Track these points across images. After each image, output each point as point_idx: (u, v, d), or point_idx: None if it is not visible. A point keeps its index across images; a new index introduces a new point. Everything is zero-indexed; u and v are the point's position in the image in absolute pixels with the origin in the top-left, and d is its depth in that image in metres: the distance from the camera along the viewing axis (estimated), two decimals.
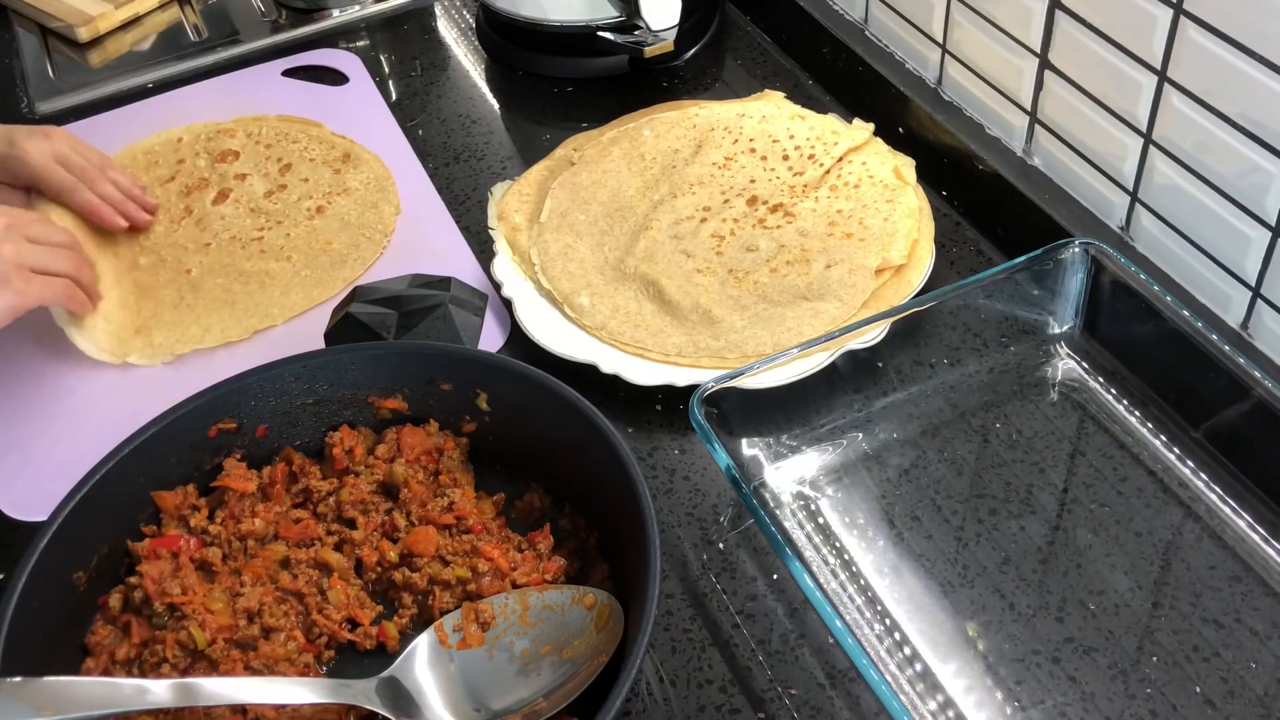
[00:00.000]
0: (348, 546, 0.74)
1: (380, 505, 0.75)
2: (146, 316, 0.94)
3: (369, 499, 0.75)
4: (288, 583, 0.71)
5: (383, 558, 0.73)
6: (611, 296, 0.91)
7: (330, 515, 0.75)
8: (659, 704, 0.69)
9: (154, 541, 0.72)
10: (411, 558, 0.72)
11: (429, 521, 0.74)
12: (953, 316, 0.86)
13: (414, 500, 0.75)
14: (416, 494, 0.75)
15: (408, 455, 0.77)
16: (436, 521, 0.74)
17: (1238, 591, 0.71)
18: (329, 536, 0.74)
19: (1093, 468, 0.78)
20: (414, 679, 0.66)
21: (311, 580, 0.72)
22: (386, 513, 0.75)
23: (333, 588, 0.72)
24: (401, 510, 0.75)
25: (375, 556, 0.73)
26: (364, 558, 0.73)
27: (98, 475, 0.70)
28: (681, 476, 0.81)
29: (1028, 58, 0.90)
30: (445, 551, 0.72)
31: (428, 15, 1.29)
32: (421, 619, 0.71)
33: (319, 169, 1.07)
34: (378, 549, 0.73)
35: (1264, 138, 0.74)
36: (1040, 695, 0.67)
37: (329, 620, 0.70)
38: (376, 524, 0.74)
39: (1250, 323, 0.81)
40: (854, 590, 0.73)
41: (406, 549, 0.73)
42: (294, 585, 0.71)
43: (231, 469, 0.76)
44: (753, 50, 1.20)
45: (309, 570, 0.73)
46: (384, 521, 0.74)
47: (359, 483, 0.76)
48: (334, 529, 0.75)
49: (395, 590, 0.72)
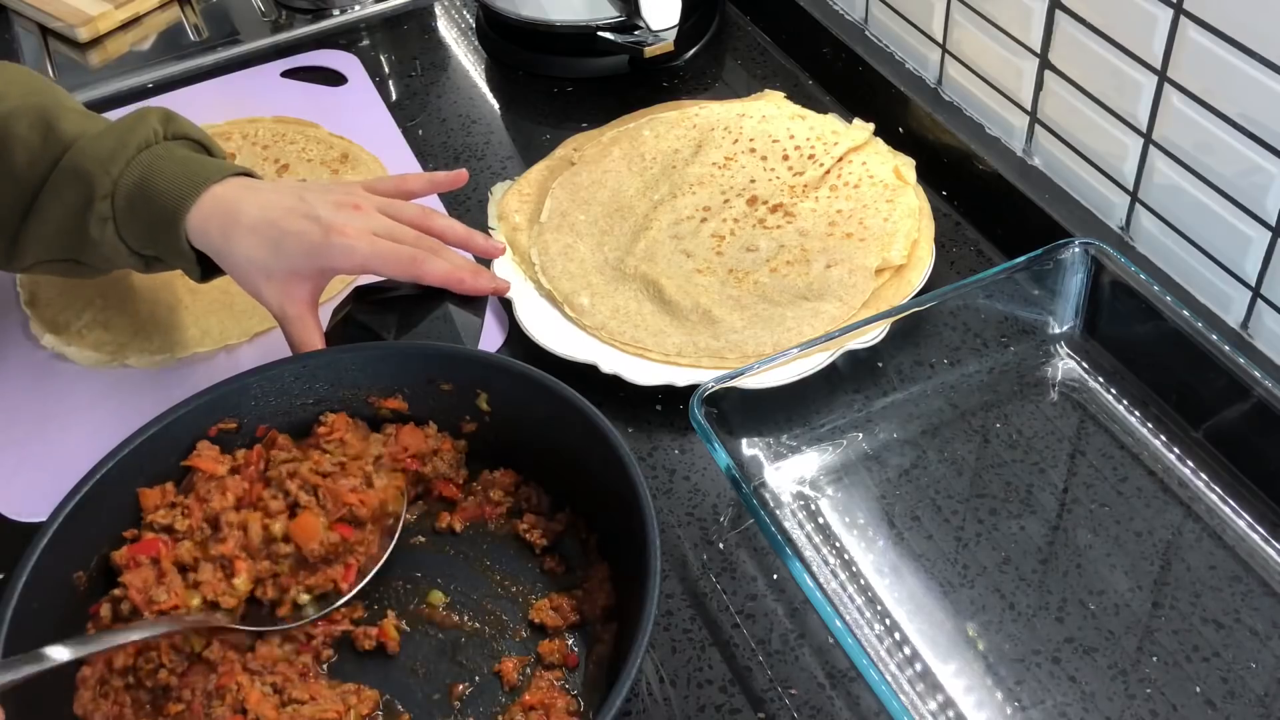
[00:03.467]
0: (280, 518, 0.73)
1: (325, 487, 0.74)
2: (144, 319, 0.93)
3: (315, 479, 0.73)
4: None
5: (267, 531, 0.71)
6: (611, 296, 0.91)
7: (277, 484, 0.74)
8: (659, 704, 0.69)
9: (132, 549, 0.70)
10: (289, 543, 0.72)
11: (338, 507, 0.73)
12: (953, 316, 0.87)
13: (331, 493, 0.73)
14: (337, 488, 0.73)
15: (395, 453, 0.76)
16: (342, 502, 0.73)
17: (1238, 591, 0.71)
18: (273, 502, 0.73)
19: (1093, 468, 0.78)
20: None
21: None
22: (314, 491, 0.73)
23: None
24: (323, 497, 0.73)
25: (259, 530, 0.72)
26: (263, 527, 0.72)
27: (98, 475, 0.70)
28: (681, 476, 0.81)
29: (1028, 58, 0.90)
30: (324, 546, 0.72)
31: (428, 15, 1.29)
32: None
33: (317, 169, 1.07)
34: (264, 525, 0.72)
35: (1264, 138, 0.74)
36: (1040, 695, 0.67)
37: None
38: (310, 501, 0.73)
39: (1250, 323, 0.81)
40: (854, 590, 0.73)
41: (289, 533, 0.72)
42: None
43: (204, 450, 0.75)
44: (753, 50, 1.20)
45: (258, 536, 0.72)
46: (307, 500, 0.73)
47: (322, 460, 0.74)
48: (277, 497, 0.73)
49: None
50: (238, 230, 0.76)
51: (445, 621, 0.72)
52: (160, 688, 0.67)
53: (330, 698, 0.68)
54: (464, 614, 0.73)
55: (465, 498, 0.78)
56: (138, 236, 0.78)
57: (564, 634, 0.71)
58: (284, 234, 0.76)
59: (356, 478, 0.73)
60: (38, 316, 0.94)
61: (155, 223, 0.77)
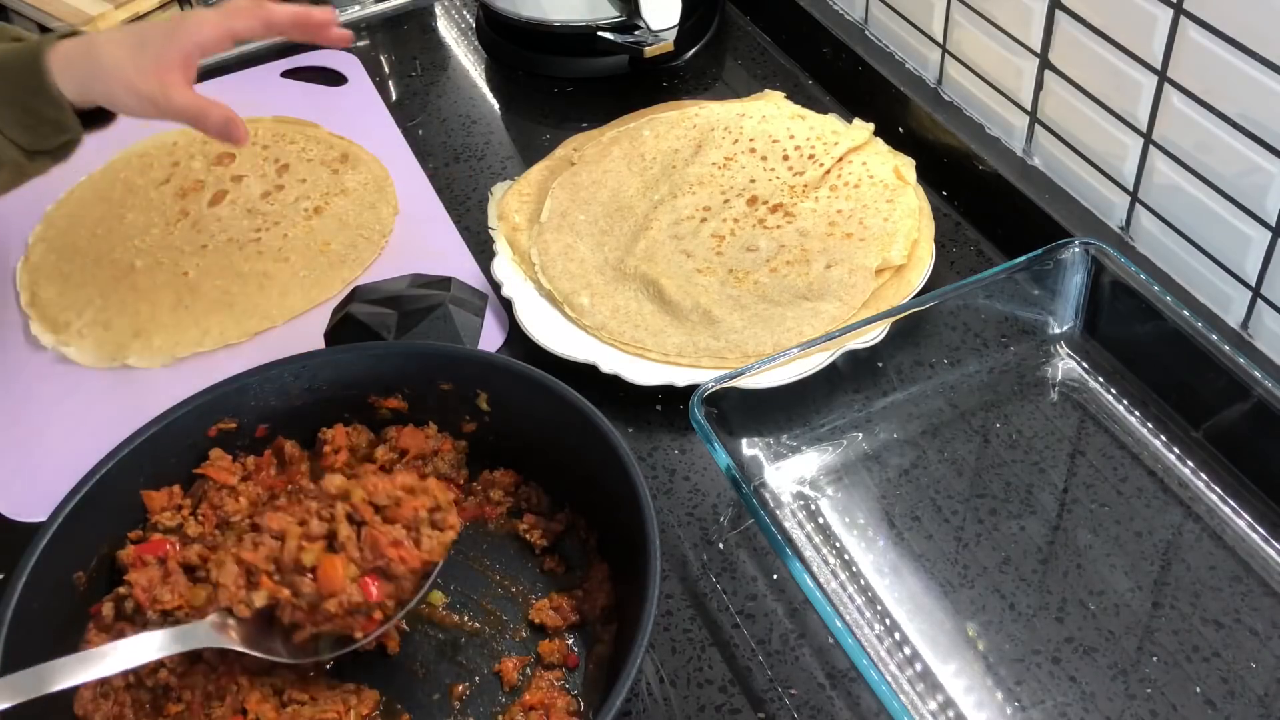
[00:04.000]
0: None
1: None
2: (145, 319, 0.93)
3: (366, 511, 0.69)
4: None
5: (299, 555, 0.67)
6: (611, 296, 0.91)
7: (325, 503, 0.70)
8: (659, 704, 0.69)
9: (139, 548, 0.71)
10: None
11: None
12: (953, 316, 0.86)
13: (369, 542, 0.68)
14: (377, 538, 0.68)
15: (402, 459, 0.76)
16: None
17: (1238, 591, 0.71)
18: (315, 522, 0.68)
19: (1093, 468, 0.78)
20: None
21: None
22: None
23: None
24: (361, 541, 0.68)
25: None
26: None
27: (98, 475, 0.70)
28: (681, 476, 0.81)
29: (1028, 58, 0.90)
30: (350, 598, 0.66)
31: (428, 15, 1.29)
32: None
33: (316, 169, 1.07)
34: (301, 545, 0.67)
35: (1264, 138, 0.74)
36: (1040, 695, 0.67)
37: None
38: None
39: (1250, 323, 0.81)
40: (854, 590, 0.73)
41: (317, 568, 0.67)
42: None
43: (217, 459, 0.76)
44: (753, 50, 1.20)
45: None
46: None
47: (379, 488, 0.69)
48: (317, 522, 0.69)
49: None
50: (98, 47, 0.80)
51: (445, 621, 0.72)
52: (160, 688, 0.67)
53: (330, 698, 0.68)
54: (464, 614, 0.73)
55: (465, 498, 0.78)
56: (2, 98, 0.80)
57: (564, 634, 0.71)
58: (144, 32, 0.81)
59: (406, 526, 0.68)
60: (38, 316, 0.94)
61: (15, 76, 0.79)
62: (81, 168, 1.09)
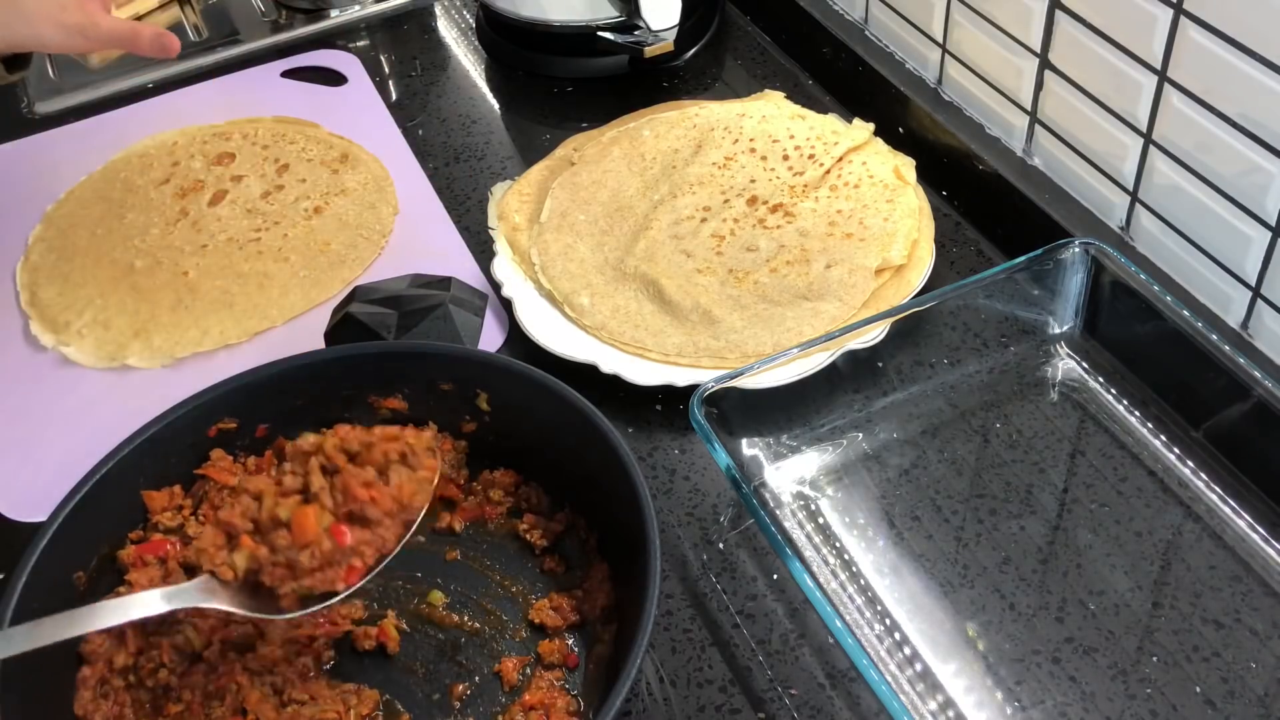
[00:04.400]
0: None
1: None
2: (144, 319, 0.93)
3: (338, 457, 0.68)
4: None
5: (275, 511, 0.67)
6: (611, 296, 0.91)
7: (298, 460, 0.70)
8: (659, 704, 0.69)
9: (140, 548, 0.71)
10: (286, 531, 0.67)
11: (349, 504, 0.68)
12: (953, 316, 0.86)
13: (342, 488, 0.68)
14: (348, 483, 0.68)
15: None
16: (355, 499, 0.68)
17: (1238, 591, 0.71)
18: (288, 478, 0.68)
19: (1093, 468, 0.78)
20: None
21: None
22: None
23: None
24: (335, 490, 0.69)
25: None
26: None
27: (98, 475, 0.70)
28: (681, 476, 0.81)
29: (1028, 58, 0.90)
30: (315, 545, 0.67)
31: (428, 15, 1.29)
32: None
33: (316, 169, 1.07)
34: (276, 500, 0.67)
35: (1264, 138, 0.74)
36: (1040, 695, 0.67)
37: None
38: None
39: (1250, 323, 0.81)
40: (854, 590, 0.73)
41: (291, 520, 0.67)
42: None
43: (218, 459, 0.76)
44: (753, 50, 1.20)
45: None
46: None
47: (351, 435, 0.69)
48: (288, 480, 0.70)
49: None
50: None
51: (445, 621, 0.73)
52: (160, 688, 0.68)
53: (330, 698, 0.68)
54: (464, 614, 0.73)
55: (465, 498, 0.78)
56: None
57: (564, 634, 0.71)
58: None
59: (379, 468, 0.67)
60: (38, 316, 0.94)
61: None
62: (82, 168, 1.09)
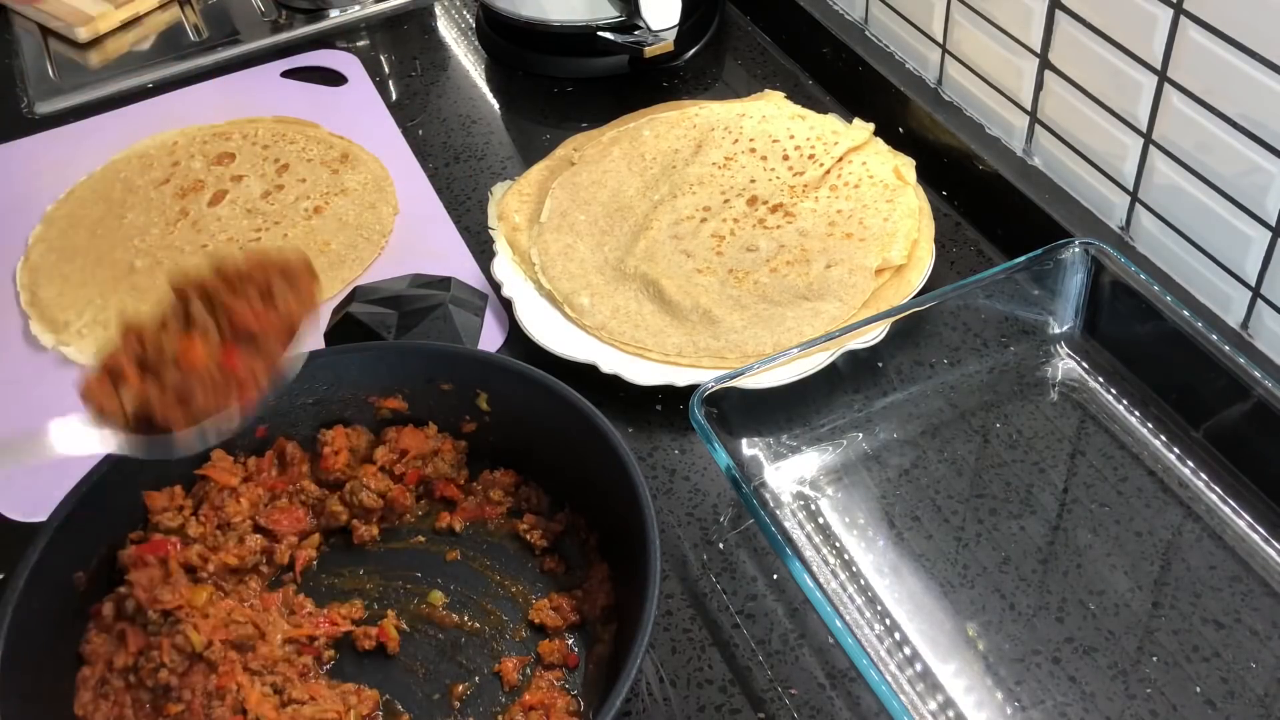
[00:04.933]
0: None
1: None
2: None
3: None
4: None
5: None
6: (611, 296, 0.91)
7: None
8: (659, 704, 0.69)
9: (140, 548, 0.71)
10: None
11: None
12: (953, 316, 0.87)
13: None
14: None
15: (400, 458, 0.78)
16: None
17: (1238, 591, 0.71)
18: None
19: (1093, 468, 0.78)
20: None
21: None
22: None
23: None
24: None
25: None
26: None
27: (97, 475, 0.70)
28: (681, 476, 0.81)
29: (1028, 58, 0.90)
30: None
31: (428, 15, 1.29)
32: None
33: (316, 169, 1.07)
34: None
35: (1264, 138, 0.74)
36: (1040, 695, 0.67)
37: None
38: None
39: (1250, 323, 0.81)
40: (854, 590, 0.73)
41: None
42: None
43: (218, 460, 0.76)
44: (753, 50, 1.20)
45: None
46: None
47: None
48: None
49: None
50: None
51: (445, 621, 0.72)
52: (160, 688, 0.67)
53: (330, 698, 0.68)
54: (464, 614, 0.73)
55: (465, 498, 0.78)
56: None
57: (564, 634, 0.71)
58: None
59: (261, 292, 0.65)
60: (38, 316, 0.94)
61: None
62: (82, 168, 1.09)
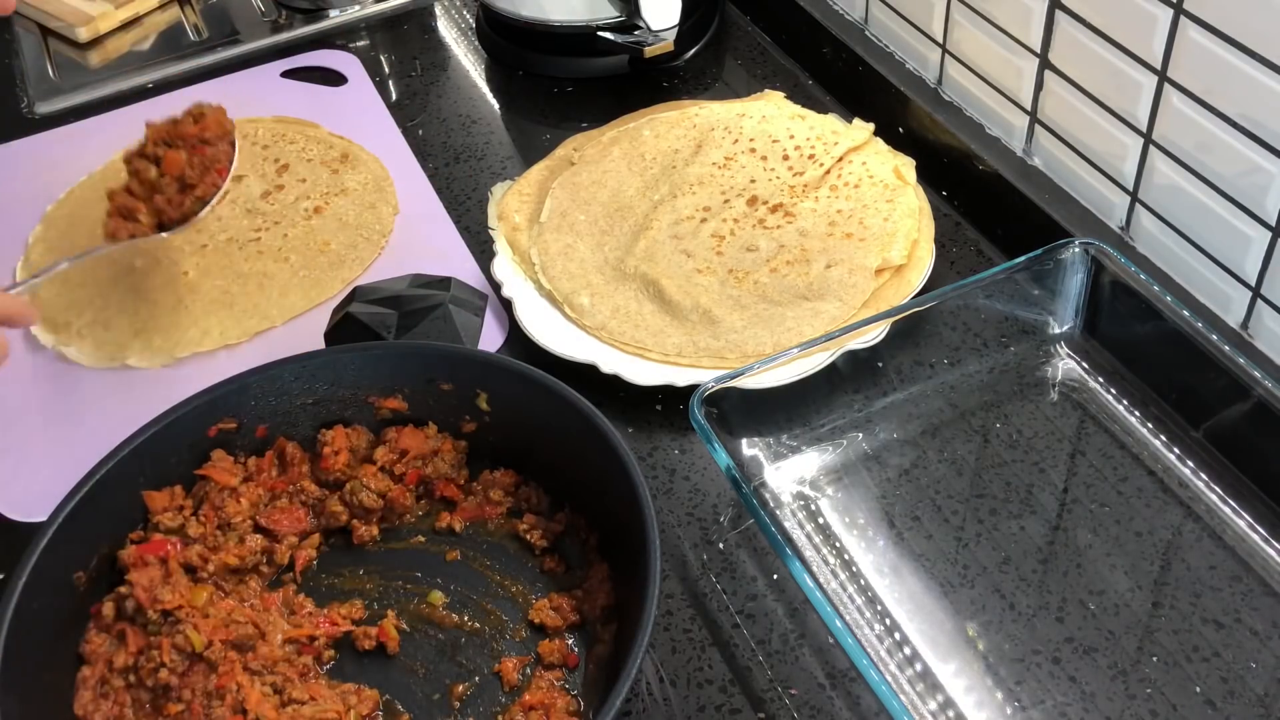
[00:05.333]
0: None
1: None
2: (144, 319, 0.93)
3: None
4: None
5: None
6: (611, 296, 0.91)
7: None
8: (659, 704, 0.69)
9: (140, 548, 0.71)
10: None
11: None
12: (953, 316, 0.87)
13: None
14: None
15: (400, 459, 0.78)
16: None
17: (1238, 591, 0.71)
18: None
19: (1093, 468, 0.78)
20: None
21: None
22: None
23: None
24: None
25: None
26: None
27: (97, 475, 0.70)
28: (681, 476, 0.81)
29: (1028, 58, 0.90)
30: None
31: (428, 15, 1.29)
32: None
33: (316, 169, 1.07)
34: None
35: (1264, 138, 0.74)
36: (1040, 695, 0.67)
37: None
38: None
39: (1250, 323, 0.81)
40: (854, 590, 0.73)
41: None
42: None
43: (219, 460, 0.76)
44: (753, 50, 1.20)
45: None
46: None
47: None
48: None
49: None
50: None
51: (445, 621, 0.73)
52: (160, 688, 0.67)
53: (330, 698, 0.68)
54: (464, 614, 0.73)
55: (465, 498, 0.78)
56: None
57: (564, 634, 0.71)
58: None
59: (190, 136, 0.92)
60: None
61: None
62: (82, 168, 1.09)
